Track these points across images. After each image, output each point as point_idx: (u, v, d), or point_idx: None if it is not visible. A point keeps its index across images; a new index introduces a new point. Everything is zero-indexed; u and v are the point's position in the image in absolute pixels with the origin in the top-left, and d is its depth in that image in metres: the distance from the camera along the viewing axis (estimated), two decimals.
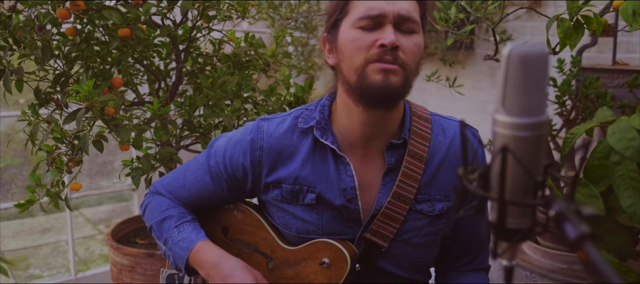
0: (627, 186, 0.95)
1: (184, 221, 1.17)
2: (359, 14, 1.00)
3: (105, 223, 4.26)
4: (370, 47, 0.98)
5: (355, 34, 1.00)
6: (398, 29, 0.99)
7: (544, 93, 0.55)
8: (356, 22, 1.00)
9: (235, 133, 1.17)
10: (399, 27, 0.99)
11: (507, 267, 0.63)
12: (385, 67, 0.96)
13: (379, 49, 0.97)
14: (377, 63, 0.97)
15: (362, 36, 0.99)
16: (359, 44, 0.99)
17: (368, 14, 0.98)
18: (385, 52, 0.96)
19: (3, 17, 1.47)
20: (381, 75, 0.97)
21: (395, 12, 0.98)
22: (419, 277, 1.16)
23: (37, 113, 1.47)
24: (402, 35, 0.99)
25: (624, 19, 1.28)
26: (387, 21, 0.98)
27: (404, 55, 0.98)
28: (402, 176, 1.06)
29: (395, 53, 0.96)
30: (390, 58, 0.96)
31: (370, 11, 0.98)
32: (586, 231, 0.47)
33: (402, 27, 0.99)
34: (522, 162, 0.54)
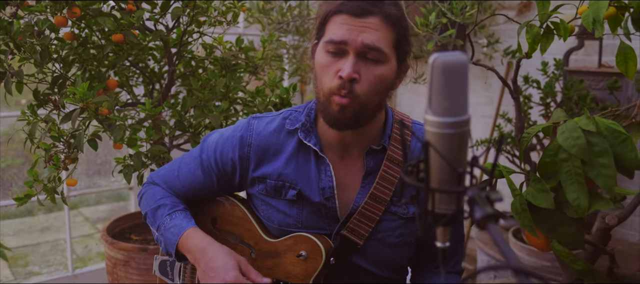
0: (573, 181, 1.03)
1: (176, 210, 1.25)
2: (327, 38, 1.04)
3: (103, 222, 4.34)
4: (333, 76, 1.03)
5: (325, 58, 1.05)
6: (363, 57, 1.02)
7: (464, 96, 0.63)
8: (325, 45, 1.05)
9: (227, 130, 1.26)
10: (364, 55, 1.02)
11: (442, 248, 0.71)
12: (340, 101, 1.02)
13: (338, 80, 1.02)
14: (336, 96, 1.03)
15: (329, 63, 1.04)
16: (325, 71, 1.05)
17: (332, 38, 1.02)
18: (343, 85, 1.01)
19: (4, 23, 1.56)
20: (337, 108, 1.03)
21: (358, 41, 1.00)
22: (393, 276, 1.23)
23: (36, 113, 1.57)
24: (365, 64, 1.02)
25: (585, 26, 1.36)
26: (350, 50, 1.02)
27: (360, 87, 1.02)
28: (379, 179, 1.13)
29: (351, 85, 1.01)
30: (346, 92, 1.01)
31: (334, 37, 1.02)
32: (490, 212, 0.55)
33: (368, 56, 1.02)
34: (445, 156, 0.63)
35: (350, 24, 1.02)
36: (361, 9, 1.02)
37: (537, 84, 2.61)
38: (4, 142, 4.34)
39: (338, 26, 1.03)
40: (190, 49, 1.94)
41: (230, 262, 1.13)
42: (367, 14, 1.02)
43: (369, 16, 1.02)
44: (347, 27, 1.02)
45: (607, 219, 1.51)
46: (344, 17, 1.03)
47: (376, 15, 1.02)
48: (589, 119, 1.03)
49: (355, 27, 1.01)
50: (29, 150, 1.60)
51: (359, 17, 1.01)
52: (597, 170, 1.01)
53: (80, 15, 1.61)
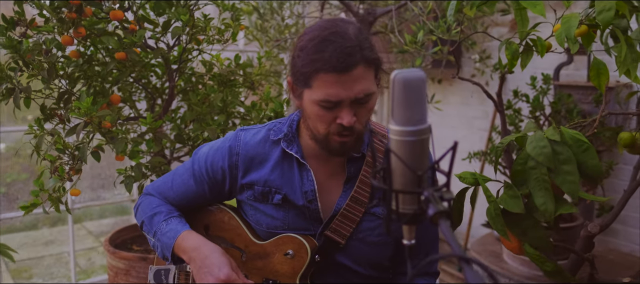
0: (540, 188, 1.10)
1: (171, 216, 1.34)
2: (319, 96, 1.09)
3: (106, 235, 4.43)
4: (331, 123, 1.12)
5: (318, 110, 1.12)
6: (356, 103, 1.11)
7: (423, 107, 0.72)
8: (318, 101, 1.11)
9: (216, 142, 1.35)
10: (357, 101, 1.10)
11: (408, 245, 0.79)
12: (342, 140, 1.14)
13: (339, 125, 1.12)
14: (335, 136, 1.14)
15: (324, 114, 1.12)
16: (322, 120, 1.13)
17: (328, 99, 1.09)
18: (344, 130, 1.12)
19: (14, 42, 1.66)
20: (338, 144, 1.15)
21: (352, 95, 1.08)
22: (376, 274, 1.31)
23: (43, 127, 1.66)
24: (359, 107, 1.12)
25: (559, 43, 1.44)
26: (345, 104, 1.10)
27: (359, 126, 1.13)
28: (359, 182, 1.23)
29: (352, 129, 1.12)
30: (348, 133, 1.13)
31: (330, 97, 1.08)
32: (441, 209, 0.63)
33: (360, 101, 1.11)
34: (405, 161, 0.71)
35: (340, 81, 1.07)
36: (346, 64, 1.06)
37: (526, 97, 2.69)
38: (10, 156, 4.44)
39: (329, 86, 1.07)
40: (190, 65, 2.03)
41: (223, 260, 1.21)
42: (352, 67, 1.06)
43: (355, 68, 1.07)
44: (339, 86, 1.07)
45: (589, 227, 1.58)
46: (332, 76, 1.06)
47: (359, 64, 1.07)
48: (554, 129, 1.11)
49: (346, 83, 1.07)
50: (34, 165, 1.69)
51: (347, 71, 1.06)
52: (562, 177, 1.08)
53: (86, 35, 1.71)
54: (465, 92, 3.76)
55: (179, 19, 1.70)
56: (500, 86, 1.97)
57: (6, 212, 2.99)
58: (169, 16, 1.73)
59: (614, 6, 1.31)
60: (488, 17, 3.40)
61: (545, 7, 1.53)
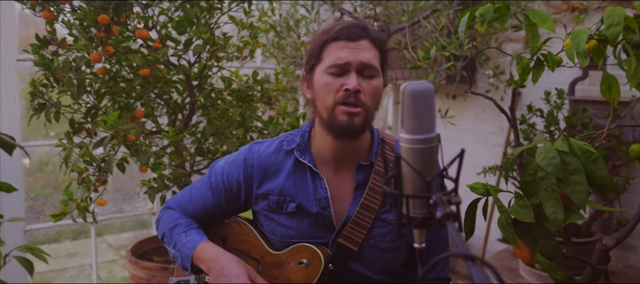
0: (550, 197, 1.13)
1: (190, 228, 1.40)
2: (329, 62, 1.21)
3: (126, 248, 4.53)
4: (338, 90, 1.20)
5: (326, 79, 1.22)
6: (361, 74, 1.20)
7: (431, 117, 0.76)
8: (327, 69, 1.22)
9: (231, 155, 1.42)
10: (361, 73, 1.21)
11: (419, 248, 0.83)
12: (349, 110, 1.18)
13: (344, 92, 1.18)
14: (342, 106, 1.19)
15: (332, 81, 1.21)
16: (329, 88, 1.21)
17: (336, 62, 1.20)
18: (349, 95, 1.18)
19: (46, 60, 1.76)
20: (346, 116, 1.19)
21: (358, 60, 1.20)
22: (388, 279, 1.34)
23: (72, 140, 1.74)
24: (363, 79, 1.20)
25: (569, 58, 1.47)
26: (351, 68, 1.20)
27: (365, 97, 1.20)
28: (368, 190, 1.27)
29: (357, 95, 1.18)
30: (353, 100, 1.18)
31: (338, 60, 1.20)
32: (448, 212, 0.67)
33: (364, 73, 1.21)
34: (415, 167, 0.75)
35: (348, 48, 1.20)
36: (355, 34, 1.21)
37: (540, 112, 2.70)
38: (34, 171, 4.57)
39: (338, 50, 1.21)
40: (209, 81, 2.11)
41: (241, 270, 1.26)
42: (359, 37, 1.21)
43: (361, 40, 1.21)
44: (347, 50, 1.20)
45: (605, 240, 1.59)
46: (341, 43, 1.21)
47: (365, 38, 1.22)
48: (563, 140, 1.14)
49: (353, 50, 1.20)
50: (57, 180, 1.77)
51: (355, 40, 1.21)
52: (571, 187, 1.11)
53: (112, 53, 1.80)
54: (479, 108, 3.78)
55: (200, 37, 1.78)
56: (513, 101, 2.00)
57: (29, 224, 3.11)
58: (191, 34, 1.81)
59: (623, 21, 1.35)
60: (502, 32, 3.44)
61: (557, 23, 1.57)
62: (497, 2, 1.60)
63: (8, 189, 1.29)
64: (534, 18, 1.60)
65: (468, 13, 1.58)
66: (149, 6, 1.77)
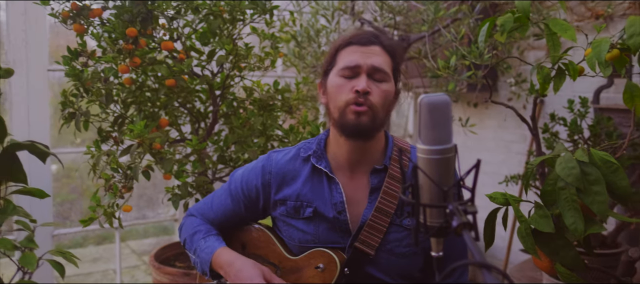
0: (570, 207, 1.12)
1: (209, 234, 1.44)
2: (341, 65, 1.27)
3: (149, 254, 4.62)
4: (349, 92, 1.24)
5: (338, 80, 1.27)
6: (371, 78, 1.25)
7: (448, 128, 0.78)
8: (339, 71, 1.27)
9: (250, 163, 1.47)
10: (372, 76, 1.25)
11: (435, 257, 0.84)
12: (357, 109, 1.23)
13: (355, 93, 1.23)
14: (352, 106, 1.23)
15: (343, 83, 1.26)
16: (340, 89, 1.26)
17: (347, 65, 1.26)
18: (358, 96, 1.22)
19: (76, 71, 1.83)
20: (354, 115, 1.23)
21: (368, 64, 1.25)
22: None
23: (100, 148, 1.80)
24: (374, 83, 1.25)
25: (590, 67, 1.47)
26: (362, 71, 1.25)
27: (373, 99, 1.24)
28: (383, 194, 1.29)
29: (366, 97, 1.23)
30: (362, 100, 1.22)
31: (349, 63, 1.26)
32: (465, 221, 0.69)
33: (375, 77, 1.25)
34: (433, 177, 0.77)
35: (360, 52, 1.27)
36: (367, 39, 1.28)
37: (563, 121, 2.67)
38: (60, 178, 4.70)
39: (350, 54, 1.27)
40: (231, 91, 2.16)
41: (256, 272, 1.29)
42: (371, 43, 1.27)
43: (373, 45, 1.27)
44: (358, 54, 1.26)
45: (630, 252, 1.57)
46: (354, 47, 1.27)
47: (377, 44, 1.28)
48: (584, 151, 1.14)
49: (364, 54, 1.26)
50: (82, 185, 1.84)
51: (366, 45, 1.27)
52: (591, 197, 1.10)
53: (139, 64, 1.86)
54: (501, 116, 3.75)
55: (223, 48, 1.83)
56: (534, 109, 1.99)
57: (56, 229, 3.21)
58: (214, 45, 1.86)
59: None
60: (524, 40, 3.41)
61: (579, 31, 1.56)
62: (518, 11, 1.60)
63: (41, 195, 1.35)
64: (554, 27, 1.59)
65: (488, 22, 1.58)
66: (174, 19, 1.83)
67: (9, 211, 1.18)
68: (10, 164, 1.18)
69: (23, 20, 2.77)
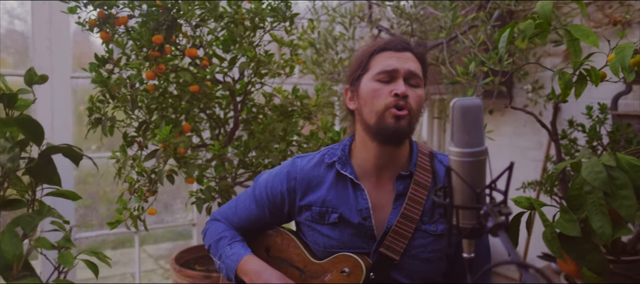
0: (597, 211, 1.13)
1: (235, 241, 1.46)
2: (378, 70, 1.29)
3: (165, 259, 4.66)
4: (388, 96, 1.26)
5: (375, 85, 1.28)
6: (407, 82, 1.27)
7: (480, 131, 0.80)
8: (376, 76, 1.29)
9: (274, 169, 1.48)
10: (407, 81, 1.27)
11: (467, 258, 0.85)
12: (398, 113, 1.24)
13: (394, 97, 1.24)
14: (393, 109, 1.25)
15: (381, 87, 1.27)
16: (378, 93, 1.27)
17: (385, 69, 1.27)
18: (399, 100, 1.24)
19: (103, 77, 1.88)
20: (394, 119, 1.25)
21: (405, 68, 1.27)
22: None
23: (126, 152, 1.84)
24: (410, 87, 1.27)
25: (613, 73, 1.47)
26: (399, 75, 1.27)
27: (412, 102, 1.26)
28: (408, 200, 1.30)
29: (406, 100, 1.24)
30: (403, 103, 1.24)
31: (387, 67, 1.27)
32: (500, 222, 0.70)
33: (410, 81, 1.28)
34: (466, 179, 0.78)
35: (396, 57, 1.29)
36: (401, 45, 1.31)
37: (582, 127, 2.66)
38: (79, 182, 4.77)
39: (386, 59, 1.29)
40: (251, 97, 2.19)
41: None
42: (405, 49, 1.31)
43: (406, 51, 1.30)
44: (395, 59, 1.28)
45: None
46: (389, 53, 1.29)
47: (410, 51, 1.31)
48: (610, 155, 1.14)
49: (400, 59, 1.29)
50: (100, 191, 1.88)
51: (401, 51, 1.30)
52: (619, 201, 1.11)
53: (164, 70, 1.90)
54: (517, 123, 3.74)
55: (245, 55, 1.87)
56: (555, 115, 1.99)
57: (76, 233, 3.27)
58: (237, 52, 1.89)
59: None
60: (540, 47, 3.41)
61: (599, 38, 1.57)
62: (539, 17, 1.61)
63: (73, 197, 1.38)
64: (576, 33, 1.60)
65: (509, 29, 1.59)
66: (199, 26, 1.87)
67: (44, 213, 1.21)
68: (46, 166, 1.21)
69: (48, 29, 2.84)
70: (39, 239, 1.10)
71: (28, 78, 1.37)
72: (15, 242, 1.08)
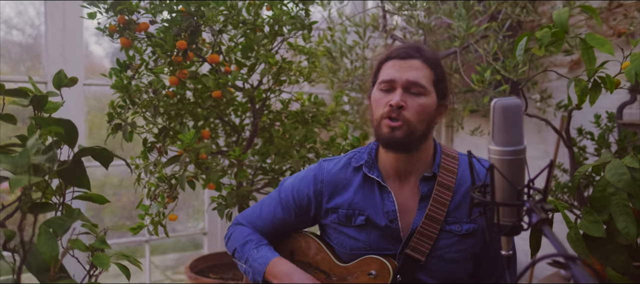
0: (621, 212, 1.16)
1: (261, 244, 1.47)
2: (380, 79, 1.33)
3: (172, 269, 4.66)
4: (384, 106, 1.29)
5: (377, 94, 1.32)
6: (408, 91, 1.29)
7: (520, 130, 0.83)
8: (378, 85, 1.33)
9: (300, 172, 1.50)
10: (408, 90, 1.29)
11: (506, 255, 0.88)
12: (391, 124, 1.27)
13: (389, 107, 1.27)
14: (386, 119, 1.28)
15: (381, 97, 1.31)
16: (378, 103, 1.31)
17: (384, 79, 1.31)
18: (392, 111, 1.26)
19: (124, 83, 1.91)
20: (388, 129, 1.28)
21: (404, 78, 1.28)
22: None
23: (147, 158, 1.87)
24: (410, 96, 1.28)
25: (628, 79, 1.51)
26: (397, 85, 1.29)
27: (408, 113, 1.27)
28: (433, 201, 1.32)
29: (400, 111, 1.26)
30: (395, 115, 1.26)
31: (386, 77, 1.31)
32: (543, 217, 0.73)
33: (411, 90, 1.29)
34: (506, 177, 0.81)
35: (398, 66, 1.31)
36: (406, 53, 1.32)
37: (590, 135, 2.70)
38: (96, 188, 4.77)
39: (388, 68, 1.32)
40: (268, 103, 2.22)
41: None
42: (410, 57, 1.31)
43: (412, 59, 1.31)
44: (395, 68, 1.30)
45: None
46: (393, 62, 1.32)
47: (417, 58, 1.31)
48: (632, 158, 1.18)
49: (402, 68, 1.30)
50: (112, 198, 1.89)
51: (404, 59, 1.31)
52: None
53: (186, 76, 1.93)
54: (526, 132, 3.77)
55: (267, 62, 1.90)
56: (568, 123, 2.02)
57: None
58: (259, 58, 1.92)
59: None
60: (546, 58, 3.46)
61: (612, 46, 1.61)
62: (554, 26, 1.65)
63: (101, 201, 1.40)
64: (591, 41, 1.64)
65: (526, 37, 1.63)
66: (222, 32, 1.91)
67: (74, 216, 1.23)
68: (77, 169, 1.23)
69: (61, 35, 2.88)
70: (75, 240, 1.12)
71: (57, 81, 1.39)
72: (52, 243, 1.09)
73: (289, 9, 2.02)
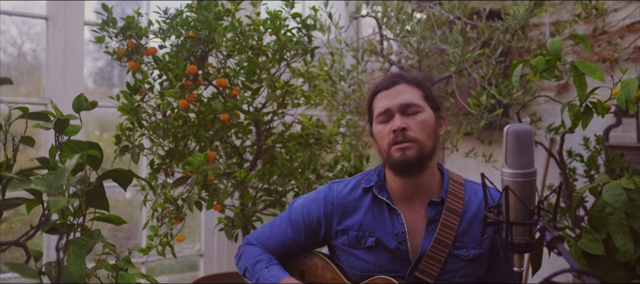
0: (619, 231, 1.23)
1: (272, 264, 1.51)
2: (376, 113, 1.41)
3: None
4: (388, 135, 1.37)
5: (378, 127, 1.40)
6: (405, 114, 1.37)
7: (531, 154, 0.90)
8: (376, 119, 1.41)
9: (310, 194, 1.55)
10: (405, 112, 1.37)
11: (517, 272, 0.94)
12: (400, 146, 1.34)
13: (393, 134, 1.35)
14: (394, 145, 1.35)
15: (382, 128, 1.39)
16: (382, 135, 1.39)
17: (380, 111, 1.39)
18: (397, 135, 1.34)
19: (133, 106, 1.95)
20: (399, 152, 1.35)
21: (397, 103, 1.37)
22: None
23: (156, 179, 1.90)
24: (409, 117, 1.36)
25: (619, 104, 1.60)
26: (394, 112, 1.37)
27: (413, 132, 1.35)
28: (441, 225, 1.38)
29: (404, 133, 1.34)
30: (402, 138, 1.34)
31: (381, 109, 1.39)
32: (557, 235, 0.79)
33: (408, 112, 1.37)
34: (519, 197, 0.88)
35: (387, 95, 1.40)
36: (389, 82, 1.42)
37: (580, 157, 2.81)
38: None
39: (380, 101, 1.40)
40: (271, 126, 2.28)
41: None
42: (394, 84, 1.41)
43: (397, 85, 1.41)
44: (386, 98, 1.39)
45: None
46: (381, 94, 1.40)
47: (401, 83, 1.41)
48: (628, 179, 1.25)
49: (391, 95, 1.39)
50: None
51: (390, 87, 1.41)
52: (639, 221, 1.22)
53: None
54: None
55: (273, 86, 1.96)
56: (561, 146, 2.11)
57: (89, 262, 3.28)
58: (266, 82, 1.98)
59: None
60: (535, 83, 3.59)
61: None
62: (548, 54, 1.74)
63: (118, 222, 1.43)
64: (583, 68, 1.73)
65: (521, 64, 1.72)
66: (230, 57, 1.97)
67: (95, 236, 1.26)
68: (98, 191, 1.27)
69: (62, 58, 2.91)
70: (102, 261, 1.15)
71: (77, 104, 1.43)
72: (80, 263, 1.12)
73: (292, 34, 2.10)
